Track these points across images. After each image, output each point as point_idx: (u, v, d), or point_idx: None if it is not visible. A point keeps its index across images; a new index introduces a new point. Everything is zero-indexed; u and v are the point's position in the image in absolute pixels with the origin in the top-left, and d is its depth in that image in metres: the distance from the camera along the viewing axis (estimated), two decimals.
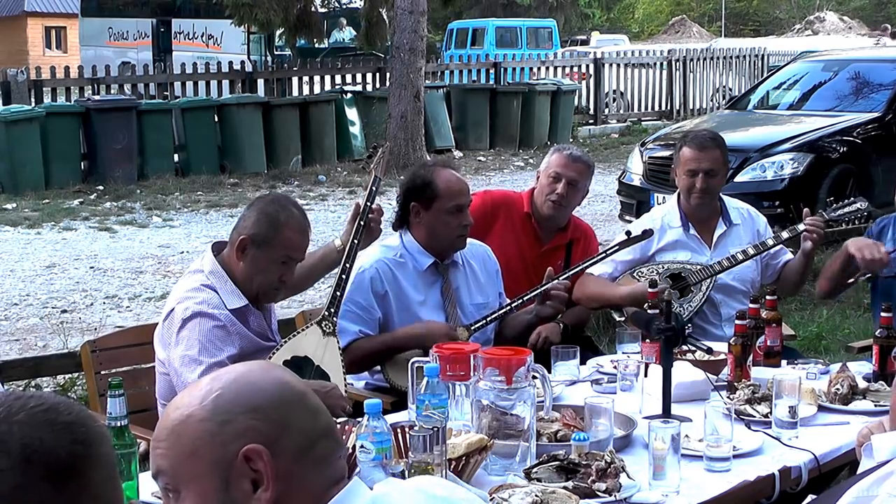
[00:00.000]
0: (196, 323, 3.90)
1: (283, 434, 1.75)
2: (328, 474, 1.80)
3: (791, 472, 3.42)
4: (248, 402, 1.77)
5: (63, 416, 1.35)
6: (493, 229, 5.29)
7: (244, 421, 1.75)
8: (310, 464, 1.78)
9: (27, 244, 12.34)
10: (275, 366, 2.10)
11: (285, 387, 1.83)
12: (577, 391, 4.06)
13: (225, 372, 1.90)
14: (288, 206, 4.14)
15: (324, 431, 1.83)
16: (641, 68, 24.81)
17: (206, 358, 3.84)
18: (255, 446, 1.71)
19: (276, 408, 1.78)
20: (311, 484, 1.78)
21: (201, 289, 3.98)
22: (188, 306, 3.93)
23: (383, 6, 18.98)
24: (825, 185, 10.70)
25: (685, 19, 62.33)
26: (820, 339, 7.19)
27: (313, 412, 1.83)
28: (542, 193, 5.28)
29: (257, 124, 16.95)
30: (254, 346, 4.07)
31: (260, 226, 4.00)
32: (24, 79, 17.34)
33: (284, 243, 4.00)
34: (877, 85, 12.50)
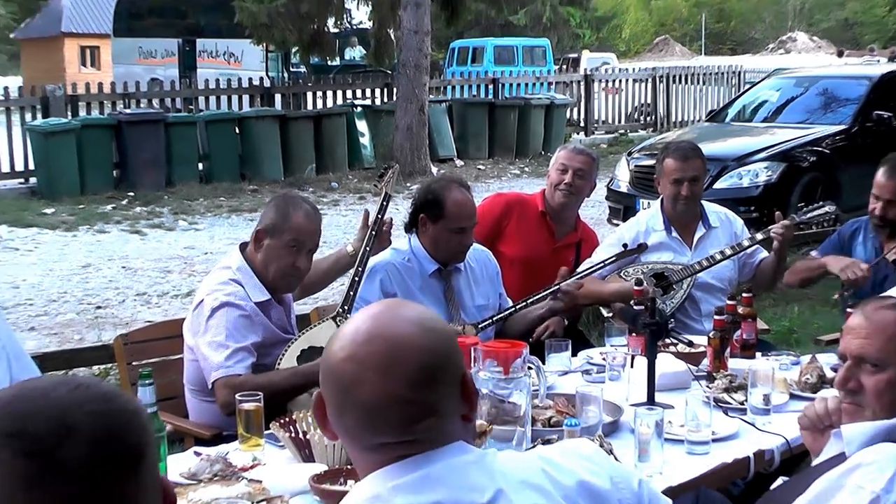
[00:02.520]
0: (224, 312, 3.93)
1: None
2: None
3: (765, 455, 3.42)
4: None
5: (125, 403, 1.35)
6: (507, 228, 5.33)
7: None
8: None
9: (64, 246, 12.35)
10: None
11: None
12: (568, 381, 4.06)
13: None
14: (296, 199, 4.22)
15: None
16: (628, 84, 24.89)
17: (233, 343, 3.88)
18: None
19: None
20: None
21: (229, 283, 4.02)
22: (217, 297, 3.97)
23: (390, 26, 18.98)
24: (796, 192, 10.73)
25: (668, 39, 62.37)
26: (791, 333, 7.20)
27: None
28: (552, 186, 5.32)
29: (275, 135, 16.96)
30: (274, 336, 4.10)
31: (272, 217, 4.06)
32: (62, 94, 17.34)
33: (293, 228, 4.02)
34: (844, 99, 12.56)
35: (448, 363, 1.79)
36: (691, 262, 5.14)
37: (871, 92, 12.37)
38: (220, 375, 3.85)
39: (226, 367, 3.86)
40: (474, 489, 1.73)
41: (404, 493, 1.71)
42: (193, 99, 19.47)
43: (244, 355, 3.91)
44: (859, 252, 5.16)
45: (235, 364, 3.87)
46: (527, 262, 5.22)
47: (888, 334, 2.49)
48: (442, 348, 1.79)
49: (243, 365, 3.89)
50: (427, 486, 1.72)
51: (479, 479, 1.75)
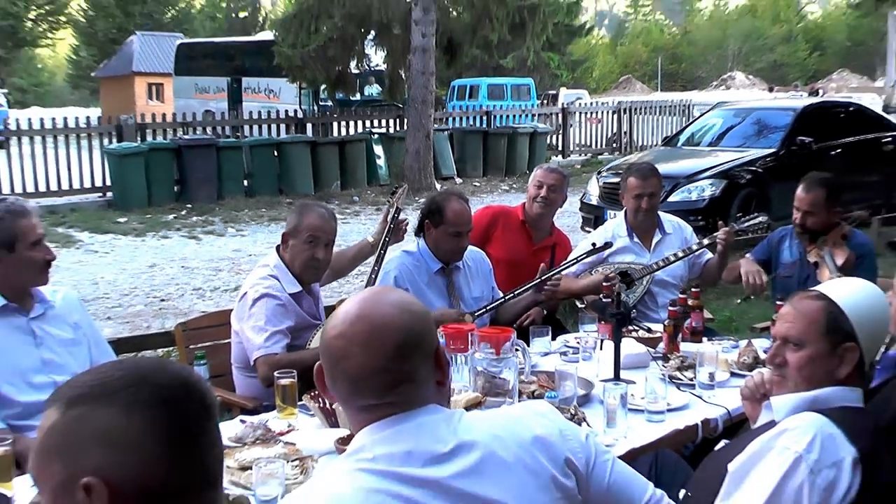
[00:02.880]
0: (263, 302, 3.96)
1: None
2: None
3: (710, 423, 3.42)
4: None
5: (196, 378, 1.40)
6: (494, 233, 5.34)
7: None
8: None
9: (135, 249, 12.37)
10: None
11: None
12: (549, 360, 4.06)
13: None
14: (311, 204, 4.27)
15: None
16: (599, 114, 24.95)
17: (271, 327, 3.91)
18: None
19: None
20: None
21: (268, 277, 4.05)
22: (258, 289, 4.00)
23: (402, 68, 18.99)
24: (735, 204, 10.73)
25: (631, 78, 62.53)
26: (731, 321, 7.19)
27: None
28: (531, 199, 5.34)
29: (306, 157, 16.95)
30: (305, 322, 4.11)
31: (292, 221, 4.13)
32: (133, 123, 17.37)
33: (308, 227, 4.07)
34: (773, 127, 12.53)
35: (422, 339, 1.85)
36: (650, 262, 5.15)
37: (796, 121, 12.37)
38: (260, 354, 3.88)
39: (265, 348, 3.88)
40: (439, 441, 1.79)
41: (382, 445, 1.77)
42: (240, 127, 19.50)
43: (280, 337, 3.93)
44: (786, 255, 5.17)
45: (273, 345, 3.89)
46: (510, 262, 5.21)
47: (808, 319, 2.49)
48: (416, 327, 1.84)
49: (280, 345, 3.91)
50: (400, 438, 1.77)
51: (444, 433, 1.80)
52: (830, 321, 2.46)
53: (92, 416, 1.28)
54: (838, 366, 2.45)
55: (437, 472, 1.75)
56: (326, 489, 1.74)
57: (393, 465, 1.74)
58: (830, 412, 2.37)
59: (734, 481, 2.35)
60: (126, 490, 1.25)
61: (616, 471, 1.96)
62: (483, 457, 1.79)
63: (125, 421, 1.27)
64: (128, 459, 1.26)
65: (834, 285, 2.65)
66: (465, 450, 1.79)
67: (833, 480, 2.25)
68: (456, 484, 1.75)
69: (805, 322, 2.50)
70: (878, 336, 2.55)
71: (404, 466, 1.74)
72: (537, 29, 18.69)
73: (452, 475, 1.76)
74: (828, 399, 2.44)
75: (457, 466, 1.77)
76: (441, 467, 1.76)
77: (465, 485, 1.76)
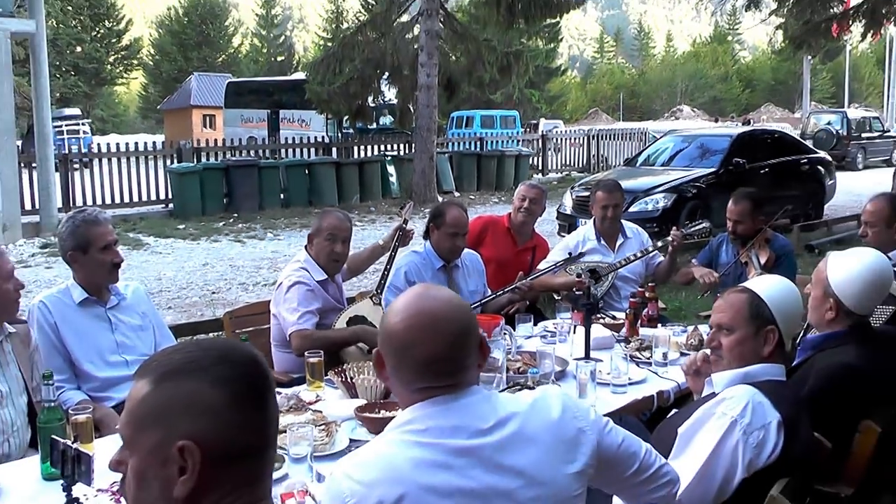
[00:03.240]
0: (296, 288, 3.98)
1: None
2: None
3: (664, 394, 3.42)
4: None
5: (261, 357, 1.39)
6: (485, 238, 5.33)
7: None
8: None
9: (191, 251, 12.36)
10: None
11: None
12: (531, 342, 4.04)
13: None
14: (329, 210, 4.30)
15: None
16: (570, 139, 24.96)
17: (302, 308, 3.94)
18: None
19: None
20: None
21: (299, 269, 4.08)
22: (291, 278, 4.02)
23: (410, 102, 18.96)
24: (683, 213, 10.72)
25: (598, 110, 62.79)
26: (681, 310, 7.18)
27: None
28: (515, 210, 5.34)
29: (332, 175, 16.91)
30: (330, 305, 4.14)
31: (315, 224, 4.20)
32: (190, 147, 17.38)
33: (326, 227, 4.12)
34: (714, 150, 12.51)
35: (472, 329, 1.81)
36: (614, 261, 5.14)
37: (732, 146, 12.37)
38: (293, 329, 3.90)
39: (298, 324, 3.90)
40: (482, 418, 1.75)
41: (433, 419, 1.73)
42: (277, 151, 19.50)
43: (310, 316, 3.95)
44: (723, 257, 5.17)
45: (305, 322, 3.92)
46: (498, 262, 5.20)
47: (735, 309, 2.53)
48: (466, 320, 1.80)
49: (310, 323, 3.94)
50: (450, 414, 1.74)
51: (486, 412, 1.77)
52: (753, 309, 2.50)
53: (183, 389, 1.27)
54: (762, 345, 2.48)
55: (479, 442, 1.72)
56: (383, 457, 1.71)
57: (443, 437, 1.71)
58: (759, 384, 2.39)
59: (683, 442, 2.36)
60: (213, 451, 1.25)
61: (622, 434, 1.95)
62: (514, 432, 1.77)
63: (211, 392, 1.26)
64: (214, 425, 1.26)
65: (756, 281, 2.68)
66: (501, 426, 1.76)
67: (762, 440, 2.26)
68: (492, 454, 1.73)
69: (733, 311, 2.53)
70: (793, 320, 2.56)
71: (452, 438, 1.71)
72: (521, 70, 18.68)
73: (491, 446, 1.73)
74: (757, 374, 2.46)
75: (494, 438, 1.74)
76: (483, 440, 1.73)
77: (499, 455, 1.73)
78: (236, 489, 1.27)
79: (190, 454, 1.23)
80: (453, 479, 1.69)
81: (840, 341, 2.88)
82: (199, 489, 1.24)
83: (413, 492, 1.66)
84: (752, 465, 2.25)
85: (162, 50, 64.54)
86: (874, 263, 2.91)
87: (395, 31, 17.82)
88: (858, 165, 25.87)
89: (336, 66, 18.01)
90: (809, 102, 41.64)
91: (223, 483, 1.26)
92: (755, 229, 4.93)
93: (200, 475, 1.23)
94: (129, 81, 67.54)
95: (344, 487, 1.67)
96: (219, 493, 1.26)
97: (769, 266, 4.74)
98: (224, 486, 1.26)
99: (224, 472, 1.26)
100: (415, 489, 1.66)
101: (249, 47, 71.65)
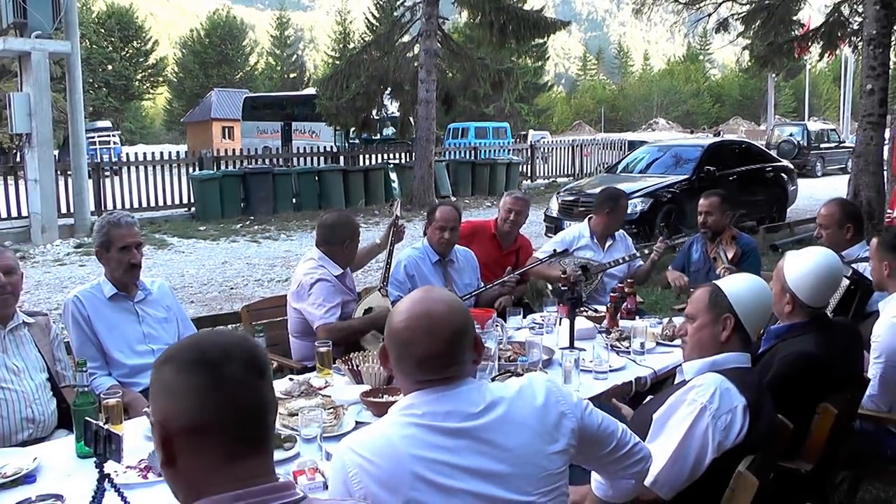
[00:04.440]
0: (319, 285, 3.98)
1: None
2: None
3: (641, 380, 3.43)
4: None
5: (254, 341, 1.43)
6: (473, 241, 5.29)
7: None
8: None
9: (211, 250, 12.33)
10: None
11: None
12: (521, 333, 4.03)
13: None
14: (342, 217, 4.25)
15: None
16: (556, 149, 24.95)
17: (327, 303, 3.94)
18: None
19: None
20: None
21: (317, 267, 4.06)
22: (312, 276, 4.01)
23: (411, 115, 18.94)
24: (659, 217, 10.75)
25: (581, 122, 62.68)
26: (657, 304, 7.18)
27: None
28: (502, 220, 5.30)
29: (340, 182, 16.85)
30: (348, 296, 4.16)
31: (330, 233, 4.14)
32: (210, 156, 17.31)
33: (344, 235, 4.11)
34: (687, 159, 12.48)
35: (467, 329, 1.83)
36: (603, 260, 5.16)
37: (703, 155, 12.36)
38: (321, 323, 3.91)
39: (325, 318, 3.91)
40: (472, 404, 1.78)
41: (428, 404, 1.76)
42: (290, 159, 19.38)
43: (334, 310, 3.96)
44: (694, 255, 5.19)
45: (330, 316, 3.93)
46: (485, 263, 5.12)
47: (697, 300, 2.57)
48: (463, 320, 1.82)
49: (335, 316, 3.96)
50: (444, 401, 1.77)
51: (476, 398, 1.79)
52: (713, 299, 2.53)
53: (162, 375, 1.35)
54: (721, 332, 2.49)
55: (469, 424, 1.75)
56: (382, 435, 1.74)
57: (437, 420, 1.73)
58: (726, 371, 2.39)
59: (658, 427, 2.36)
60: (177, 428, 1.32)
61: (600, 415, 1.96)
62: (502, 415, 1.79)
63: (175, 378, 1.33)
64: (175, 406, 1.32)
65: (724, 279, 2.69)
66: (490, 409, 1.78)
67: (729, 423, 2.26)
68: (482, 435, 1.75)
69: (696, 302, 2.58)
70: (754, 310, 2.53)
71: (446, 421, 1.74)
72: (512, 86, 18.65)
73: (481, 427, 1.75)
74: (724, 362, 2.46)
75: (484, 421, 1.76)
76: (474, 422, 1.75)
77: (488, 435, 1.75)
78: (214, 464, 1.32)
79: (162, 429, 1.32)
80: (446, 457, 1.71)
81: (800, 331, 2.91)
82: (171, 457, 1.32)
83: (408, 466, 1.68)
84: (721, 446, 2.26)
85: (185, 68, 64.40)
86: (824, 261, 2.95)
87: (397, 51, 17.80)
88: (818, 173, 25.90)
89: (344, 82, 18.00)
90: (773, 116, 41.62)
91: (196, 454, 1.32)
92: (723, 224, 4.97)
93: (173, 446, 1.32)
94: (155, 97, 67.42)
95: (347, 460, 1.70)
96: (193, 464, 1.32)
97: (735, 261, 4.76)
98: (198, 458, 1.32)
99: (194, 445, 1.32)
100: (410, 463, 1.68)
101: (265, 65, 71.49)
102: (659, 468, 2.27)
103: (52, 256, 11.68)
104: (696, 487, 2.28)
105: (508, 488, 1.75)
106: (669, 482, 2.28)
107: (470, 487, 1.71)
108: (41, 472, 2.43)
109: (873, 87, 10.77)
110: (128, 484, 2.25)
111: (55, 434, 3.06)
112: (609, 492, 2.12)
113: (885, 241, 3.49)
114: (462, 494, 1.70)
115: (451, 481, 1.70)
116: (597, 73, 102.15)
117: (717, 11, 18.09)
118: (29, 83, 12.50)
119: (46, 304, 8.37)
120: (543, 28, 17.57)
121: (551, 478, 1.81)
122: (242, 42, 67.32)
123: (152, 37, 61.85)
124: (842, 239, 4.21)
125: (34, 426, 3.01)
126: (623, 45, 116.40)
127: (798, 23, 17.65)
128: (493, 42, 17.31)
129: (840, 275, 3.04)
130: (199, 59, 63.56)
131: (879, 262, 3.44)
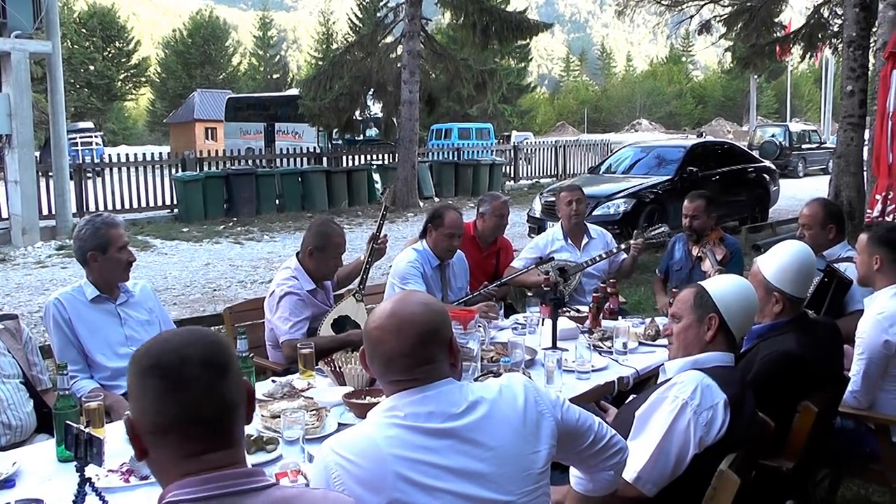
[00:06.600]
0: (287, 298, 3.90)
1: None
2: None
3: (624, 380, 3.43)
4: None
5: (215, 337, 1.43)
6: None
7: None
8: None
9: (194, 252, 12.27)
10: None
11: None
12: (504, 334, 4.04)
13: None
14: (331, 225, 4.13)
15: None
16: (541, 149, 25.01)
17: (294, 318, 3.86)
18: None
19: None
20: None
21: (290, 278, 3.98)
22: (283, 288, 3.93)
23: (394, 116, 18.93)
24: (642, 217, 10.76)
25: (564, 123, 62.82)
26: (639, 304, 7.23)
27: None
28: (496, 227, 5.25)
29: (323, 183, 16.82)
30: (319, 310, 4.05)
31: (319, 239, 4.01)
32: (194, 157, 17.21)
33: (333, 247, 4.03)
34: (669, 160, 12.54)
35: (439, 330, 1.83)
36: (580, 260, 5.16)
37: (686, 155, 12.43)
38: (286, 339, 3.84)
39: (289, 334, 3.85)
40: (454, 404, 1.79)
41: (410, 406, 1.76)
42: (273, 160, 19.34)
43: (301, 324, 3.89)
44: (677, 255, 5.21)
45: (296, 332, 3.85)
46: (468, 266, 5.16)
47: (683, 300, 2.59)
48: (435, 321, 1.82)
49: (300, 332, 3.87)
50: (425, 402, 1.77)
51: (457, 398, 1.80)
52: (697, 299, 2.55)
53: (127, 378, 1.41)
54: (706, 331, 2.51)
55: (452, 425, 1.75)
56: (365, 436, 1.74)
57: (419, 421, 1.74)
58: (707, 369, 2.42)
59: (640, 424, 2.38)
60: (141, 426, 1.37)
61: (577, 410, 1.97)
62: (484, 414, 1.80)
63: (133, 381, 1.38)
64: (136, 406, 1.38)
65: (709, 280, 2.71)
66: (472, 409, 1.79)
67: (711, 419, 2.29)
68: (466, 434, 1.76)
69: (682, 302, 2.59)
70: (739, 309, 2.54)
71: (428, 422, 1.74)
72: (495, 87, 18.73)
73: (464, 428, 1.76)
74: (706, 361, 2.48)
75: (466, 421, 1.77)
76: (456, 423, 1.76)
77: (472, 435, 1.76)
78: (182, 456, 1.35)
79: (130, 426, 1.38)
80: (428, 457, 1.71)
81: (781, 330, 2.92)
82: (143, 451, 1.39)
83: (391, 466, 1.68)
84: (703, 441, 2.27)
85: (168, 68, 64.08)
86: (797, 250, 3.02)
87: (381, 52, 17.79)
88: (799, 173, 26.12)
89: (327, 83, 17.97)
90: (756, 117, 42.01)
91: (163, 449, 1.36)
92: (708, 226, 4.99)
93: (141, 443, 1.38)
94: (138, 97, 67.05)
95: (329, 461, 1.70)
96: (162, 455, 1.37)
97: (724, 263, 4.77)
98: (165, 452, 1.36)
99: (159, 442, 1.36)
100: (392, 463, 1.69)
101: (248, 66, 71.24)
102: (642, 465, 2.28)
103: (33, 258, 11.58)
104: (679, 486, 2.29)
105: (491, 488, 1.75)
106: (653, 478, 2.29)
107: (453, 487, 1.72)
108: (21, 477, 2.41)
109: (853, 89, 10.88)
110: (109, 488, 2.23)
111: (35, 439, 3.02)
112: (589, 485, 2.13)
113: (876, 234, 3.47)
114: (445, 495, 1.71)
115: (434, 481, 1.70)
116: (580, 75, 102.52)
117: (700, 13, 18.24)
118: (9, 84, 12.39)
119: (27, 307, 8.29)
120: (526, 29, 17.63)
121: (533, 477, 1.82)
122: (225, 42, 67.06)
123: (134, 37, 61.54)
124: (824, 239, 4.25)
125: (11, 432, 2.96)
126: (606, 47, 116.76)
127: (779, 25, 17.83)
128: (476, 43, 17.34)
129: (814, 260, 3.07)
130: (182, 59, 63.27)
131: (869, 256, 3.43)
